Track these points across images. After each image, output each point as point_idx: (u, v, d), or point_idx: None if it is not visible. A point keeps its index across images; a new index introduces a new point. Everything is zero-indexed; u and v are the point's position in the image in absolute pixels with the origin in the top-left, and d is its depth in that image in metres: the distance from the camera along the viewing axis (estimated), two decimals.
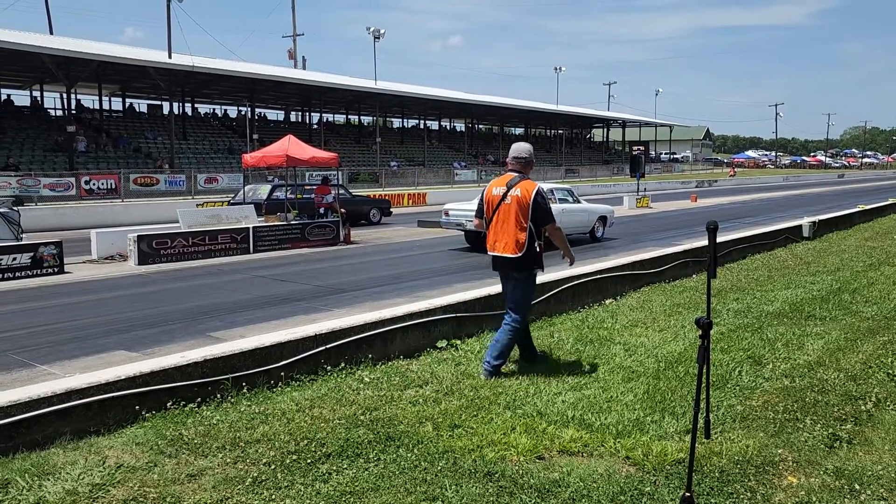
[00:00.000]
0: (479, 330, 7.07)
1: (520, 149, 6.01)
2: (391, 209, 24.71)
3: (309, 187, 22.21)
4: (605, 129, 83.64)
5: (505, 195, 5.74)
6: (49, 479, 3.77)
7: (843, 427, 4.53)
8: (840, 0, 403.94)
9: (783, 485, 3.77)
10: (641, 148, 38.75)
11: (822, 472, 3.89)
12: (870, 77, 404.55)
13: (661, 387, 5.32)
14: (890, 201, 25.12)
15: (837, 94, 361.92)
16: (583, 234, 17.14)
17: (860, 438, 4.39)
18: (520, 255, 5.67)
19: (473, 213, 6.40)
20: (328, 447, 4.20)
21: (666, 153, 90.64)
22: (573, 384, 5.44)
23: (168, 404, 4.76)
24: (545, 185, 17.30)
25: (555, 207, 17.19)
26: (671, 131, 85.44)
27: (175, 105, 40.44)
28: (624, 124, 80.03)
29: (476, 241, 15.19)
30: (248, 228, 15.41)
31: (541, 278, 8.45)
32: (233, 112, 50.95)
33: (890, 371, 5.68)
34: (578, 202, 17.25)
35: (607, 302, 8.71)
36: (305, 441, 4.27)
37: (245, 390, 5.14)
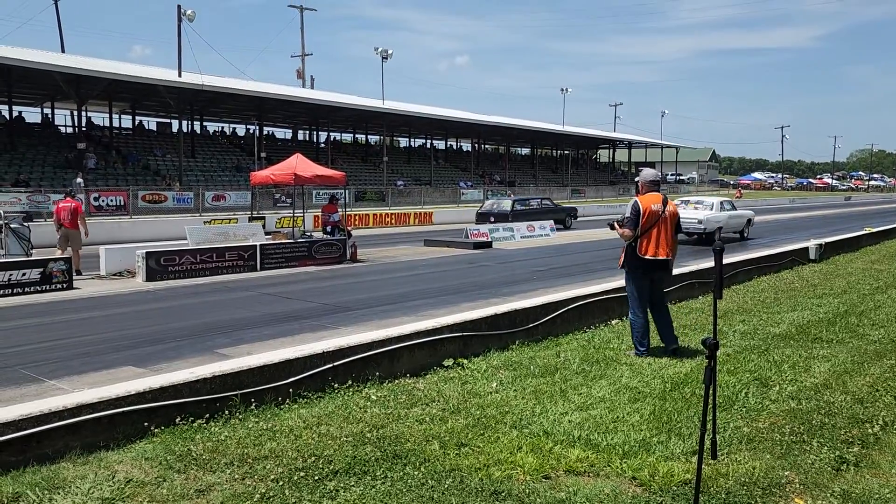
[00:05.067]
0: (486, 349, 7.10)
1: (654, 174, 7.48)
2: (576, 216, 32.05)
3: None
4: (611, 150, 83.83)
5: (663, 211, 6.96)
6: (59, 493, 3.80)
7: (849, 450, 4.52)
8: (846, 23, 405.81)
9: None
10: (653, 169, 38.78)
11: (828, 495, 3.89)
12: (876, 100, 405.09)
13: (667, 408, 5.33)
14: None
15: (844, 116, 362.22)
16: (735, 233, 22.48)
17: (867, 461, 4.39)
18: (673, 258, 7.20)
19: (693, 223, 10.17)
20: (335, 464, 4.22)
21: (672, 174, 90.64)
22: (580, 404, 5.45)
23: (177, 420, 4.80)
24: (718, 198, 24.00)
25: (724, 213, 21.93)
26: (677, 153, 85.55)
27: (184, 123, 40.80)
28: (630, 145, 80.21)
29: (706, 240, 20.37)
30: (256, 246, 15.48)
31: (546, 298, 8.52)
32: (241, 130, 51.31)
33: None
34: (735, 209, 23.14)
35: (613, 322, 8.72)
36: (313, 458, 4.29)
37: (253, 406, 5.18)
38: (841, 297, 10.52)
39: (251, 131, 47.64)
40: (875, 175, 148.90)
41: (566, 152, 76.20)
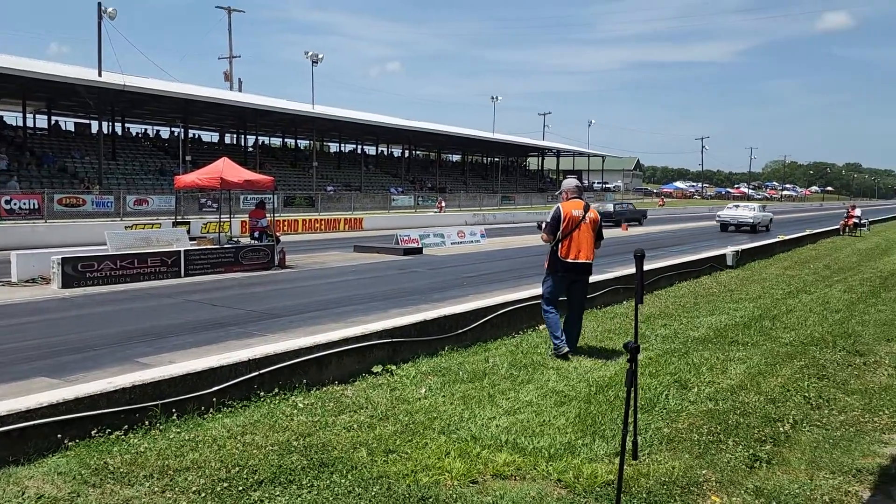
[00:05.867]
0: (415, 355, 7.09)
1: (576, 182, 7.91)
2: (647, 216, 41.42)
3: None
4: (540, 158, 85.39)
5: (583, 217, 7.31)
6: None
7: (762, 448, 4.73)
8: (764, 40, 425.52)
9: None
10: (575, 177, 39.76)
11: (743, 492, 4.06)
12: (790, 114, 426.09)
13: (592, 410, 5.45)
14: (807, 232, 26.40)
15: (760, 129, 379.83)
16: (764, 227, 33.87)
17: (779, 458, 4.59)
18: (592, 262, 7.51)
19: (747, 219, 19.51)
20: (260, 474, 4.13)
21: (598, 182, 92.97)
22: (507, 409, 5.51)
23: (93, 432, 4.60)
24: (756, 203, 35.98)
25: (761, 213, 35.38)
26: (603, 161, 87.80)
27: (104, 124, 39.34)
28: (558, 154, 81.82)
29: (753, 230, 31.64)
30: (180, 252, 15.04)
31: (475, 304, 8.58)
32: (165, 133, 49.88)
33: (806, 394, 5.97)
34: (764, 210, 36.24)
35: (541, 327, 8.83)
36: (237, 468, 4.19)
37: (175, 417, 5.02)
38: (756, 302, 10.99)
39: (176, 134, 46.31)
40: (788, 185, 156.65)
41: (496, 159, 77.11)
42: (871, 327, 9.05)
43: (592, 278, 11.37)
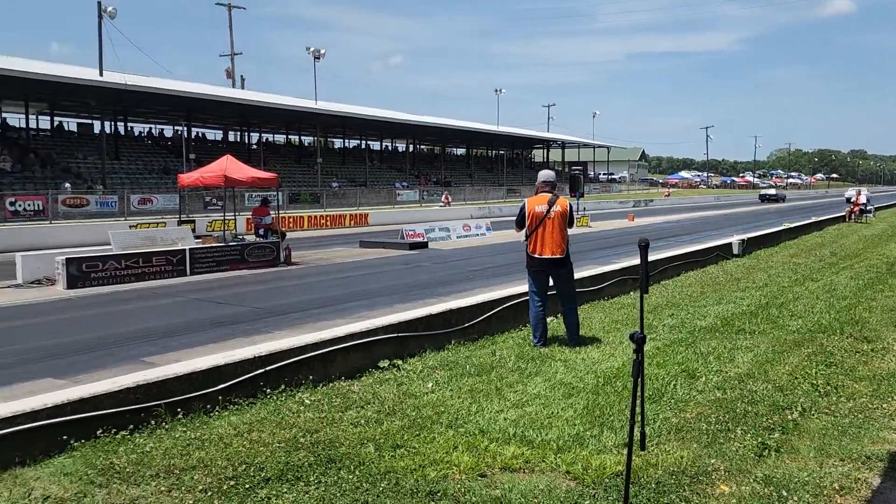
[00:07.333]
0: (421, 350, 7.07)
1: (548, 175, 7.65)
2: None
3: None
4: (546, 150, 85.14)
5: (548, 211, 7.22)
6: None
7: (771, 436, 4.69)
8: (765, 28, 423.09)
9: (716, 493, 3.88)
10: (580, 168, 39.64)
11: (752, 480, 4.02)
12: (794, 102, 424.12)
13: (599, 402, 5.42)
14: (813, 219, 26.27)
15: (764, 117, 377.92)
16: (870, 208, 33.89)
17: (787, 447, 4.55)
18: (564, 255, 7.37)
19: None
20: (267, 471, 4.12)
21: (604, 173, 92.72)
22: (515, 401, 5.49)
23: (98, 432, 4.59)
24: (865, 188, 39.11)
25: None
26: (609, 152, 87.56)
27: (107, 124, 39.38)
28: (563, 145, 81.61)
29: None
30: (185, 250, 15.05)
31: (481, 297, 8.56)
32: (168, 131, 49.91)
33: (814, 382, 5.92)
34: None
35: (548, 319, 8.81)
36: (244, 466, 4.18)
37: (181, 416, 5.01)
38: (762, 290, 10.93)
39: (179, 132, 46.32)
40: (793, 173, 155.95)
41: (501, 152, 76.98)
42: (878, 313, 8.99)
43: (598, 269, 11.44)
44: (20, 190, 29.58)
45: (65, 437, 4.45)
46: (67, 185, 31.31)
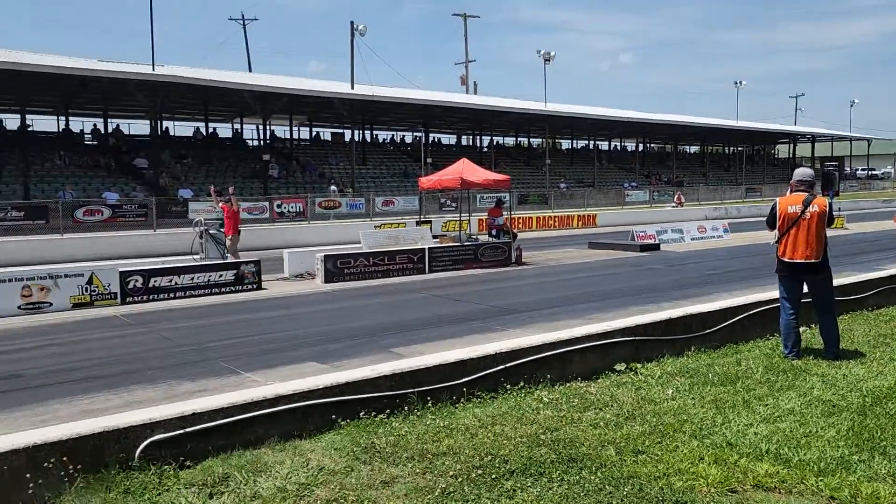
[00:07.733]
0: (659, 355, 6.87)
1: (805, 173, 7.30)
2: None
3: None
4: (792, 145, 77.88)
5: (802, 212, 6.79)
6: (262, 476, 4.16)
7: None
8: None
9: None
10: (835, 164, 35.77)
11: None
12: None
13: (868, 424, 4.89)
14: None
15: None
16: None
17: None
18: (820, 260, 6.83)
19: None
20: (511, 464, 4.27)
21: (863, 169, 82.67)
22: (765, 416, 5.13)
23: (360, 413, 5.08)
24: None
25: None
26: (869, 145, 77.84)
27: (356, 132, 43.04)
28: (813, 139, 74.14)
29: None
30: (424, 249, 16.01)
31: (723, 303, 8.11)
32: (408, 137, 53.24)
33: None
34: None
35: (801, 329, 8.10)
36: (489, 457, 4.38)
37: (430, 404, 5.37)
38: None
39: (417, 138, 49.25)
40: None
41: (739, 148, 71.81)
42: None
43: (859, 276, 10.26)
44: (285, 193, 33.39)
45: (333, 416, 4.98)
46: (333, 187, 34.99)
